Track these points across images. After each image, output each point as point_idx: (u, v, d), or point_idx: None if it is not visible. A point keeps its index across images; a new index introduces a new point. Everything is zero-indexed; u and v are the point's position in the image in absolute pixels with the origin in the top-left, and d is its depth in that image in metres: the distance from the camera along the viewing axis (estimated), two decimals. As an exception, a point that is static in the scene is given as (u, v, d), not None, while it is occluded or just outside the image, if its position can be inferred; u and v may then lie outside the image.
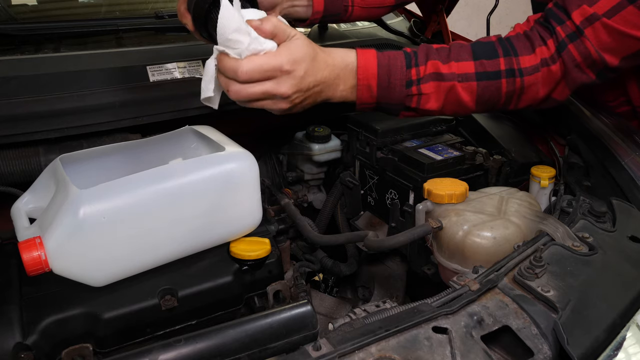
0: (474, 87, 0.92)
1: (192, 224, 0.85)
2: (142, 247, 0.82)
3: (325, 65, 0.86)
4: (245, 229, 0.93)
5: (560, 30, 0.90)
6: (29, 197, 0.88)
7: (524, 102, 0.95)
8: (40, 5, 1.63)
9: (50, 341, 0.76)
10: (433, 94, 0.92)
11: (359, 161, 1.25)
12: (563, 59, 0.90)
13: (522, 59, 0.91)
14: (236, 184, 0.88)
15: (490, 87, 0.92)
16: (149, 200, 0.80)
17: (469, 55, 0.92)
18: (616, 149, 1.06)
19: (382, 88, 0.90)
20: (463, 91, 0.92)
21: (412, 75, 0.91)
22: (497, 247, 0.88)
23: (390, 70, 0.90)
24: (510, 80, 0.91)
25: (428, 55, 0.92)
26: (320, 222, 1.27)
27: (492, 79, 0.92)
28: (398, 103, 0.92)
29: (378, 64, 0.89)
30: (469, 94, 0.92)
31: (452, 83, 0.91)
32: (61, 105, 0.95)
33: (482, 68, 0.91)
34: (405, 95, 0.91)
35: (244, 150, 0.90)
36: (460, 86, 0.91)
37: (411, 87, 0.91)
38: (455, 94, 0.92)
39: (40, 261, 0.73)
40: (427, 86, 0.91)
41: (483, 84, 0.92)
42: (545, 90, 0.93)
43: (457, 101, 0.93)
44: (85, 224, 0.74)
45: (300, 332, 0.69)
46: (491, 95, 0.93)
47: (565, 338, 0.63)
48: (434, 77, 0.91)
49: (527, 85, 0.92)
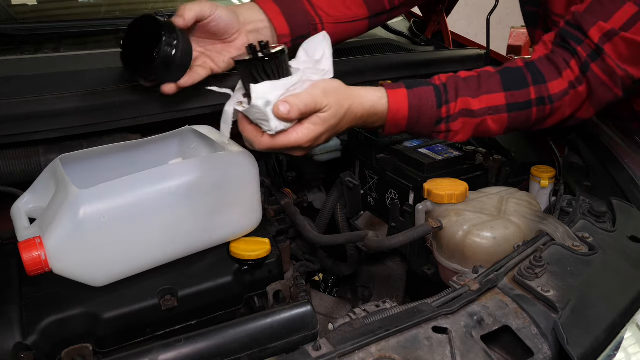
0: (504, 119, 0.93)
1: (192, 224, 0.85)
2: (142, 247, 0.82)
3: (353, 119, 0.87)
4: (246, 229, 0.93)
5: (581, 50, 0.90)
6: (29, 197, 0.88)
7: (550, 123, 0.97)
8: (40, 5, 1.62)
9: (50, 341, 0.76)
10: (462, 130, 0.93)
11: (359, 161, 1.25)
12: (588, 80, 0.91)
13: (550, 85, 0.92)
14: (236, 184, 0.88)
15: (520, 117, 0.93)
16: (149, 200, 0.80)
17: (498, 86, 0.92)
18: (616, 149, 1.06)
19: (410, 126, 0.92)
20: (493, 123, 0.93)
21: (442, 114, 0.91)
22: (497, 247, 0.88)
23: (421, 110, 0.90)
24: (541, 107, 0.92)
25: (458, 90, 0.92)
26: (320, 222, 1.27)
27: (522, 109, 0.92)
28: (427, 135, 0.95)
29: (409, 106, 0.90)
30: (499, 124, 0.93)
31: (483, 118, 0.92)
32: (61, 105, 0.94)
33: (513, 99, 0.92)
34: (433, 131, 0.93)
35: (244, 150, 0.90)
36: (491, 119, 0.92)
37: (440, 125, 0.92)
38: (485, 126, 0.93)
39: (40, 261, 0.73)
40: (456, 123, 0.92)
41: (514, 114, 0.92)
42: (570, 110, 0.94)
43: (486, 131, 0.94)
44: (85, 224, 0.74)
45: (300, 332, 0.69)
46: (521, 123, 0.94)
47: (565, 338, 0.63)
48: (464, 113, 0.92)
49: (556, 108, 0.93)
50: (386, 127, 0.92)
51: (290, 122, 0.79)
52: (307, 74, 0.81)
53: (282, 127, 0.78)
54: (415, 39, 1.62)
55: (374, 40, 1.43)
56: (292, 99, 0.78)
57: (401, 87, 0.91)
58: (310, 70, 0.82)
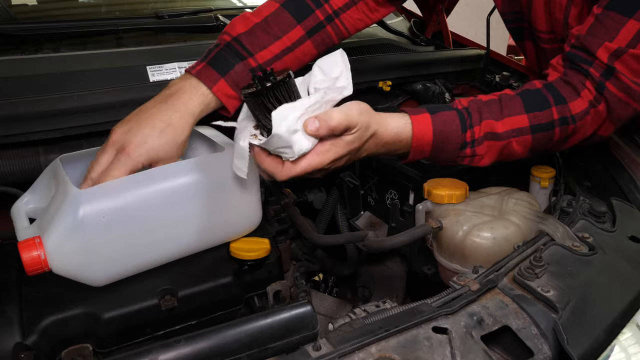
0: (528, 140, 0.92)
1: (192, 224, 0.85)
2: (142, 247, 0.82)
3: (376, 145, 0.83)
4: (246, 229, 0.93)
5: (593, 71, 0.91)
6: (29, 197, 0.88)
7: (572, 143, 0.96)
8: (40, 5, 1.62)
9: (50, 341, 0.76)
10: (487, 154, 0.92)
11: (359, 161, 1.25)
12: (606, 99, 0.91)
13: (572, 106, 0.91)
14: (236, 184, 0.88)
15: (544, 138, 0.92)
16: (148, 200, 0.80)
17: (521, 108, 0.91)
18: (616, 149, 1.06)
19: (435, 152, 0.89)
20: (517, 145, 0.92)
21: (467, 138, 0.90)
22: (497, 247, 0.88)
23: (446, 135, 0.88)
24: (564, 127, 0.92)
25: (481, 114, 0.90)
26: (320, 222, 1.27)
27: (546, 130, 0.91)
28: (451, 161, 0.93)
29: (434, 132, 0.87)
30: (523, 146, 0.92)
31: (508, 141, 0.91)
32: (61, 105, 0.95)
33: (537, 120, 0.91)
34: (457, 156, 0.92)
35: None
36: (515, 141, 0.91)
37: (465, 149, 0.91)
38: (510, 149, 0.92)
39: (39, 261, 0.73)
40: (481, 147, 0.91)
41: (538, 136, 0.92)
42: (592, 129, 0.94)
43: (510, 154, 0.93)
44: (84, 223, 0.74)
45: (300, 332, 0.69)
46: (544, 144, 0.93)
47: (565, 338, 0.63)
48: (489, 137, 0.90)
49: (579, 128, 0.93)
50: (410, 154, 0.89)
51: (314, 141, 0.75)
52: (328, 94, 0.77)
53: (304, 149, 0.74)
54: (415, 39, 1.62)
55: (374, 40, 1.43)
56: (323, 115, 0.74)
57: (424, 112, 0.88)
58: (331, 90, 0.78)
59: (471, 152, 0.91)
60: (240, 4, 1.76)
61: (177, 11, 1.38)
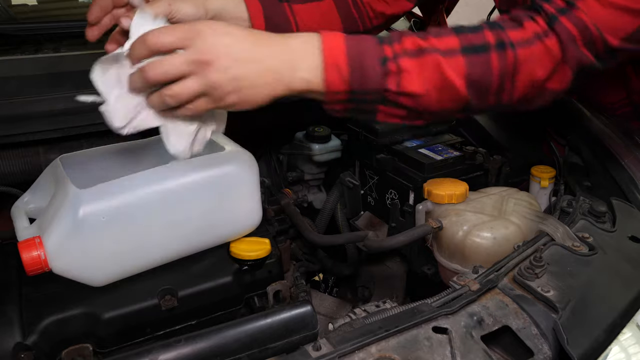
0: (461, 63, 0.79)
1: (192, 224, 0.85)
2: (142, 247, 0.82)
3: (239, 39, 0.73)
4: (246, 229, 0.93)
5: (548, 6, 0.80)
6: (29, 197, 0.88)
7: (520, 86, 0.82)
8: (40, 5, 1.63)
9: (50, 341, 0.76)
10: (415, 71, 0.77)
11: (359, 161, 1.25)
12: (557, 33, 0.79)
13: (510, 33, 0.81)
14: (236, 184, 0.88)
15: (479, 62, 0.79)
16: (148, 200, 0.80)
17: (450, 32, 0.81)
18: (616, 149, 1.06)
19: (354, 67, 0.75)
20: (449, 68, 0.78)
21: (386, 51, 0.77)
22: (497, 247, 0.88)
23: (360, 44, 0.76)
24: (502, 54, 0.79)
25: (402, 35, 0.81)
26: (320, 222, 1.27)
27: (480, 51, 0.79)
28: (375, 89, 0.77)
29: (346, 41, 0.77)
30: (457, 72, 0.79)
31: (435, 56, 0.78)
32: (61, 105, 0.95)
33: (467, 41, 0.79)
34: (383, 74, 0.76)
35: (244, 151, 0.90)
36: (445, 62, 0.78)
37: (387, 64, 0.76)
38: (441, 73, 0.78)
39: (39, 261, 0.73)
40: (405, 61, 0.77)
41: (471, 58, 0.79)
42: (543, 71, 0.81)
43: (445, 82, 0.79)
44: (84, 223, 0.74)
45: (300, 332, 0.69)
46: (482, 74, 0.80)
47: (565, 338, 0.63)
48: (413, 52, 0.78)
49: (521, 60, 0.80)
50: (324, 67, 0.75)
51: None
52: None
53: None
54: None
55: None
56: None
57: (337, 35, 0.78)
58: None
59: (396, 67, 0.76)
60: None
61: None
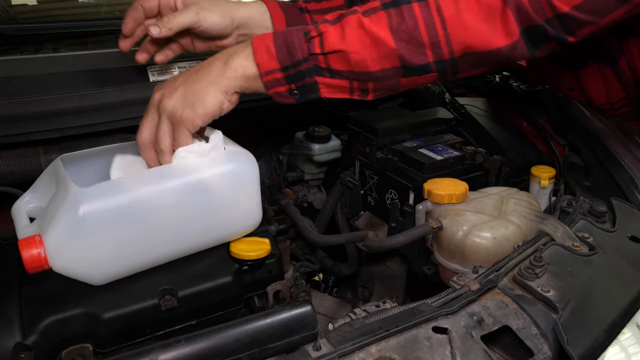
0: (382, 17, 0.80)
1: (192, 223, 0.85)
2: (142, 246, 0.82)
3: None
4: (246, 229, 0.93)
5: None
6: (30, 196, 0.88)
7: (456, 37, 0.80)
8: (40, 5, 1.63)
9: (50, 341, 0.76)
10: (335, 30, 0.81)
11: (359, 161, 1.25)
12: None
13: None
14: (237, 183, 0.88)
15: (401, 13, 0.80)
16: (149, 199, 0.80)
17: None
18: (616, 149, 1.06)
19: (279, 43, 0.82)
20: (370, 23, 0.80)
21: (309, 27, 0.83)
22: (497, 247, 0.88)
23: (286, 31, 0.84)
24: (423, 2, 0.79)
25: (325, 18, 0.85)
26: (320, 222, 1.27)
27: (400, 3, 0.80)
28: (303, 57, 0.82)
29: (273, 32, 0.84)
30: (378, 25, 0.80)
31: (356, 16, 0.81)
32: (61, 105, 0.95)
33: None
34: (306, 41, 0.82)
35: (244, 150, 0.90)
36: (366, 19, 0.80)
37: (309, 33, 0.82)
38: (363, 28, 0.80)
39: (39, 259, 0.73)
40: (325, 26, 0.82)
41: (391, 10, 0.80)
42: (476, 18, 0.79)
43: (369, 36, 0.80)
44: (84, 222, 0.74)
45: (300, 332, 0.69)
46: (407, 24, 0.80)
47: (565, 338, 0.63)
48: (333, 21, 0.83)
49: (445, 5, 0.79)
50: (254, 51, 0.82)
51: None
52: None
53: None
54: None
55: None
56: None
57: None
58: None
59: (317, 32, 0.82)
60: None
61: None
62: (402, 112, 1.31)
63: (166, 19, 0.91)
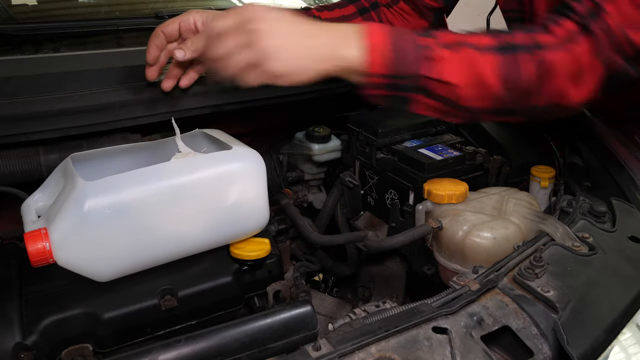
0: (494, 60, 0.80)
1: (197, 221, 0.85)
2: (147, 242, 0.81)
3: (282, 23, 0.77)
4: (252, 229, 0.92)
5: (578, 7, 0.79)
6: (39, 195, 0.88)
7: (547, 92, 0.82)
8: (40, 5, 1.63)
9: (50, 341, 0.76)
10: (451, 60, 0.79)
11: (359, 161, 1.25)
12: (587, 38, 0.79)
13: (539, 37, 0.81)
14: (243, 183, 0.87)
15: (511, 62, 0.80)
16: (154, 195, 0.79)
17: (482, 33, 0.83)
18: (616, 149, 1.06)
19: (395, 52, 0.78)
20: (484, 63, 0.79)
21: (424, 41, 0.80)
22: (497, 247, 0.88)
23: (402, 35, 0.79)
24: (529, 56, 0.80)
25: (436, 31, 0.83)
26: (320, 222, 1.27)
27: (511, 50, 0.80)
28: (412, 74, 0.79)
29: (389, 29, 0.80)
30: (490, 68, 0.80)
31: (471, 51, 0.80)
32: (61, 105, 0.95)
33: (500, 40, 0.81)
34: (421, 60, 0.79)
35: (251, 150, 0.90)
36: (480, 56, 0.79)
37: (425, 51, 0.79)
38: (476, 66, 0.80)
39: (44, 252, 0.72)
40: (442, 51, 0.79)
41: (503, 57, 0.80)
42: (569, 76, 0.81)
43: (480, 76, 0.80)
44: (90, 216, 0.74)
45: (300, 332, 0.69)
46: (514, 73, 0.80)
47: (565, 338, 0.63)
48: (449, 45, 0.80)
49: (549, 63, 0.80)
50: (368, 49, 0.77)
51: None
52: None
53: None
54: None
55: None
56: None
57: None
58: None
59: (433, 56, 0.79)
60: (240, 3, 1.76)
61: (177, 11, 1.37)
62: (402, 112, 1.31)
63: (189, 42, 0.90)
